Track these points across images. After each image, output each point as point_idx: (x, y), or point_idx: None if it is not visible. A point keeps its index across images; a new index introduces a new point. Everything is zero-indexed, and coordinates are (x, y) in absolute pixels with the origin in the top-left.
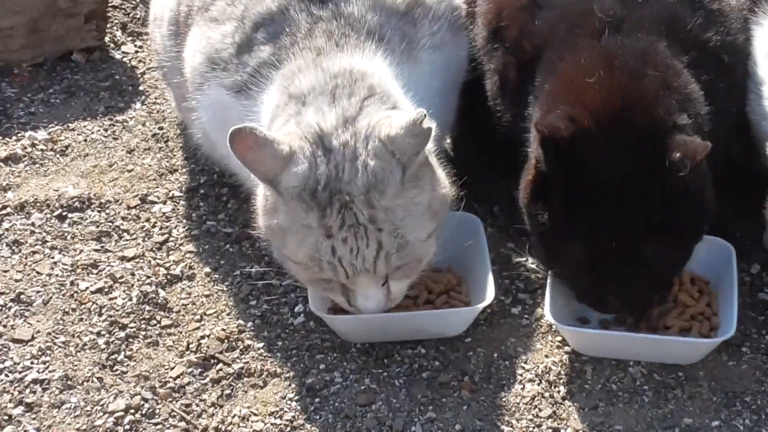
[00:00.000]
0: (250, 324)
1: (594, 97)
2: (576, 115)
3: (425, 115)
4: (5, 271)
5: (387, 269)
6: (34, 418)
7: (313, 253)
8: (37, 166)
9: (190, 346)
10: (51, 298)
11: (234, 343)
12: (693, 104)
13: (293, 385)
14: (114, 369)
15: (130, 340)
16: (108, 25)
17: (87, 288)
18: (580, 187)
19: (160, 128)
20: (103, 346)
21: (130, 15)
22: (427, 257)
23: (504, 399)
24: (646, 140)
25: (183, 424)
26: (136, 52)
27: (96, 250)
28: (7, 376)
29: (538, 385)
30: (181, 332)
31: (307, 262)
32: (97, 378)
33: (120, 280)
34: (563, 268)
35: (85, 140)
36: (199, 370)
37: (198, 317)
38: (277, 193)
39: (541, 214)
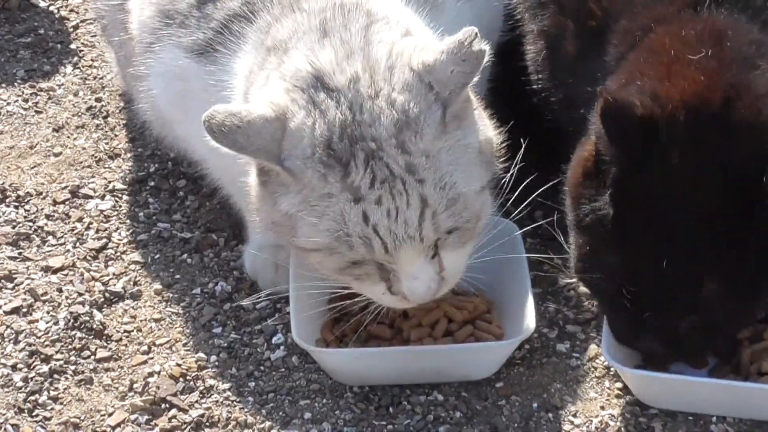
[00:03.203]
0: (213, 358)
1: (691, 78)
2: (660, 93)
3: (476, 33)
4: None
5: (437, 233)
6: None
7: (339, 227)
8: None
9: (135, 385)
10: None
11: (192, 382)
12: None
13: None
14: (34, 414)
15: (56, 376)
16: None
17: None
18: (641, 182)
19: (98, 100)
20: (20, 384)
21: None
22: (485, 216)
23: None
24: (743, 147)
25: None
26: None
27: (12, 258)
28: None
29: None
30: (122, 367)
31: (331, 243)
32: (12, 425)
33: (43, 298)
34: (595, 281)
35: None
36: (146, 417)
37: (145, 348)
38: (284, 170)
39: (586, 202)
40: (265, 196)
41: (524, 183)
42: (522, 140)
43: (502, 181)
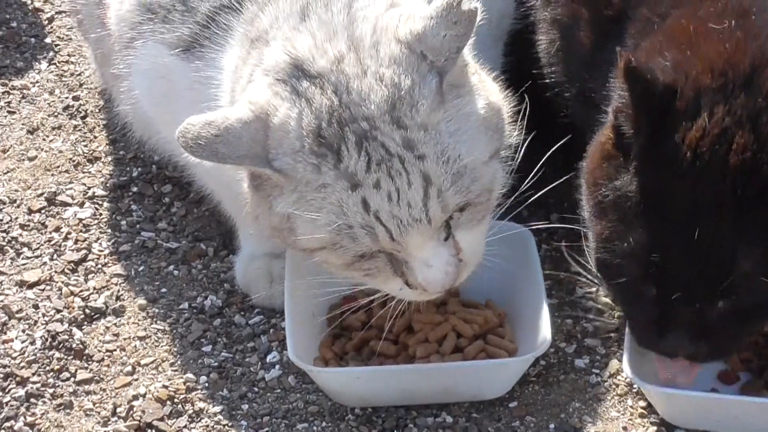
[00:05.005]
0: (203, 378)
1: (715, 46)
2: (682, 62)
3: None
4: None
5: (445, 212)
6: None
7: (339, 219)
8: None
9: (118, 410)
10: None
11: (180, 405)
12: None
13: None
14: None
15: (33, 400)
16: None
17: None
18: (668, 148)
19: (75, 98)
20: None
21: None
22: (497, 187)
23: None
24: None
25: None
26: None
27: None
28: None
29: None
30: (104, 390)
31: (333, 237)
32: None
33: (18, 315)
34: (618, 269)
35: None
36: None
37: (129, 369)
38: (274, 172)
39: (606, 182)
40: (260, 201)
41: (534, 179)
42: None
43: (511, 171)
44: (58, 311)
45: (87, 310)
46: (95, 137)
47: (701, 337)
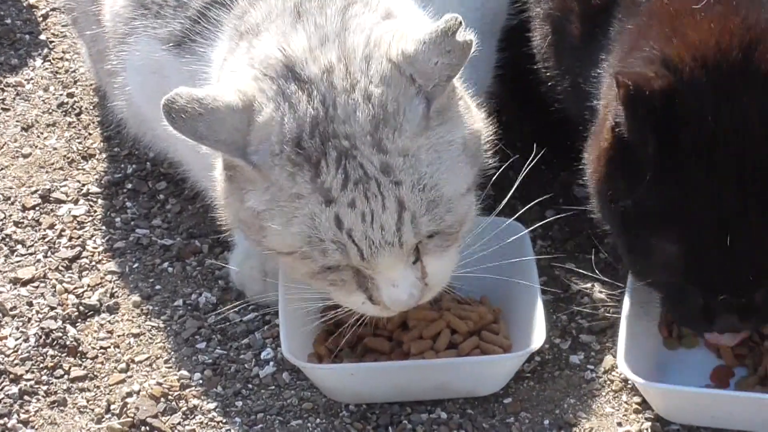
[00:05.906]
0: (197, 375)
1: (700, 30)
2: (672, 56)
3: (460, 22)
4: None
5: (417, 237)
6: None
7: (310, 231)
8: None
9: (112, 407)
10: None
11: (174, 402)
12: None
13: None
14: None
15: (26, 398)
16: None
17: None
18: (680, 158)
19: (70, 95)
20: None
21: None
22: (469, 220)
23: None
24: None
25: None
26: None
27: None
28: None
29: None
30: (98, 387)
31: (302, 247)
32: None
33: (12, 313)
34: (655, 274)
35: None
36: None
37: (123, 366)
38: (249, 165)
39: (623, 196)
40: (233, 191)
41: (522, 177)
42: (530, 132)
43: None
44: (52, 308)
45: (81, 308)
46: (90, 134)
47: (749, 318)
